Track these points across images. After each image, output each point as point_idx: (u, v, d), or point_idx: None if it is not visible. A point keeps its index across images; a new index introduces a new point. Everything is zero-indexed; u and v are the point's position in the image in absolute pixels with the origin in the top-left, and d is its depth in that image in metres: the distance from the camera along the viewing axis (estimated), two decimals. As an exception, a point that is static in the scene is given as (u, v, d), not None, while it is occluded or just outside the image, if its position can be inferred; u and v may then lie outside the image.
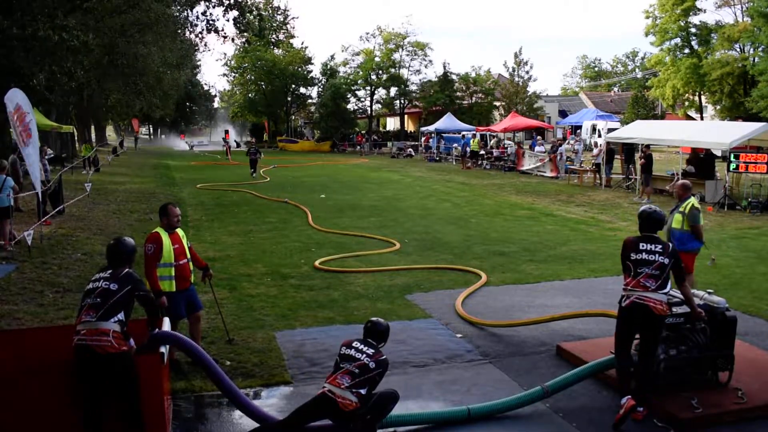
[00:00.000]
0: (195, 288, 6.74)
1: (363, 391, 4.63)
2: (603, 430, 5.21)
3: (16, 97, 12.68)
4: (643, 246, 5.41)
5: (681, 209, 7.88)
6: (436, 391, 5.98)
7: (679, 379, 5.65)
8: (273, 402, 5.72)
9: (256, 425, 4.99)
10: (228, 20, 24.71)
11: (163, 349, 4.86)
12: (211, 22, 25.32)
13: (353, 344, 4.83)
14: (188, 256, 6.50)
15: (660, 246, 5.39)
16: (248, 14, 24.51)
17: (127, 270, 4.77)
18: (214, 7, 24.53)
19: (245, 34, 25.70)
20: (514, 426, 5.34)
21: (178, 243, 6.36)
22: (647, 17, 53.16)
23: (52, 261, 10.77)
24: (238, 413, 5.28)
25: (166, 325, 5.28)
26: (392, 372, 6.34)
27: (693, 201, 7.88)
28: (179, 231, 6.47)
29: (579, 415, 5.42)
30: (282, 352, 6.81)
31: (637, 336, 5.52)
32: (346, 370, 4.66)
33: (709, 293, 6.06)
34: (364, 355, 4.73)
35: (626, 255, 5.48)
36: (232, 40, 26.40)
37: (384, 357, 4.79)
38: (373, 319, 5.07)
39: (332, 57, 60.36)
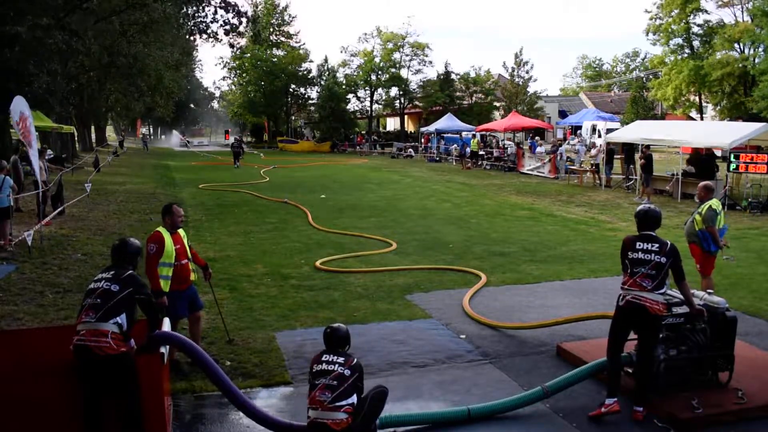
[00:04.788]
0: (196, 287, 6.75)
1: (352, 401, 4.52)
2: (603, 430, 5.22)
3: (19, 105, 12.93)
4: (639, 245, 5.41)
5: (699, 210, 7.89)
6: (436, 391, 5.98)
7: (679, 379, 5.65)
8: (273, 402, 5.72)
9: (259, 426, 5.00)
10: (217, 20, 24.27)
11: (163, 350, 4.87)
12: (203, 25, 25.23)
13: (322, 358, 4.67)
14: (189, 256, 6.51)
15: (657, 245, 5.37)
16: (243, 18, 24.34)
17: (130, 272, 4.76)
18: (204, 7, 24.40)
19: (238, 37, 25.53)
20: (514, 426, 5.35)
21: (179, 243, 6.37)
22: (651, 18, 53.10)
23: (52, 261, 10.77)
24: (238, 413, 5.28)
25: (166, 325, 5.28)
26: (392, 372, 6.37)
27: (712, 203, 7.87)
28: (180, 231, 6.48)
29: (579, 415, 5.42)
30: (282, 353, 6.81)
31: (636, 336, 5.54)
32: (324, 384, 4.52)
33: (709, 293, 6.06)
34: (337, 365, 4.57)
35: (624, 254, 5.49)
36: (226, 34, 26.18)
37: (356, 361, 4.67)
38: (333, 325, 4.88)
39: (326, 60, 60.34)
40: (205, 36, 25.16)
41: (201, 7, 24.39)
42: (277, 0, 60.47)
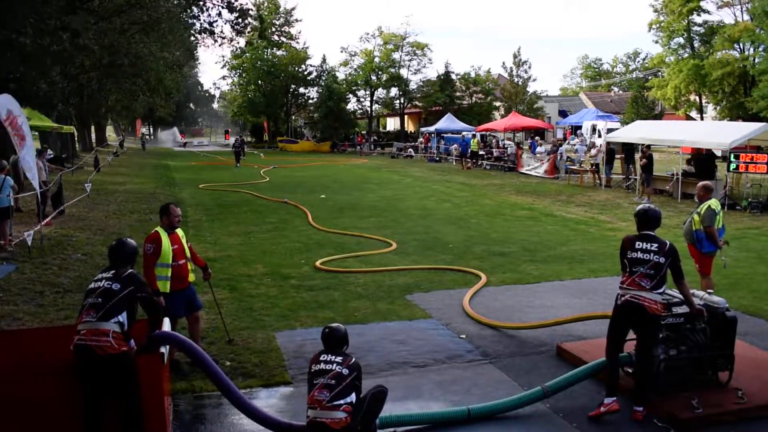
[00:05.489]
0: (195, 288, 6.74)
1: (350, 400, 4.53)
2: (603, 430, 5.22)
3: (6, 104, 12.48)
4: (639, 245, 5.42)
5: (698, 210, 7.91)
6: (436, 391, 5.98)
7: (679, 379, 5.66)
8: (273, 402, 5.72)
9: (258, 426, 4.99)
10: (225, 22, 24.32)
11: (163, 349, 4.87)
12: (209, 24, 25.18)
13: (321, 357, 4.69)
14: (188, 256, 6.50)
15: (656, 245, 5.38)
16: (248, 17, 24.31)
17: (130, 271, 4.77)
18: (209, 9, 24.40)
19: (243, 36, 25.51)
20: (514, 426, 5.35)
21: (177, 243, 6.36)
22: (655, 11, 53.12)
23: (52, 261, 10.77)
24: (237, 413, 5.27)
25: (166, 325, 5.28)
26: (392, 372, 6.37)
27: (711, 203, 7.87)
28: (179, 231, 6.47)
29: (579, 415, 5.42)
30: (282, 353, 6.82)
31: (634, 336, 5.55)
32: (322, 384, 4.53)
33: (709, 293, 6.07)
34: (335, 365, 4.59)
35: (623, 253, 5.50)
36: (231, 40, 26.18)
37: (354, 360, 4.68)
38: (331, 325, 4.89)
39: (324, 59, 60.36)
40: (208, 36, 25.12)
41: (204, 8, 24.36)
42: (280, 0, 60.37)
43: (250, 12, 24.73)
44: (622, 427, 5.23)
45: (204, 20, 25.12)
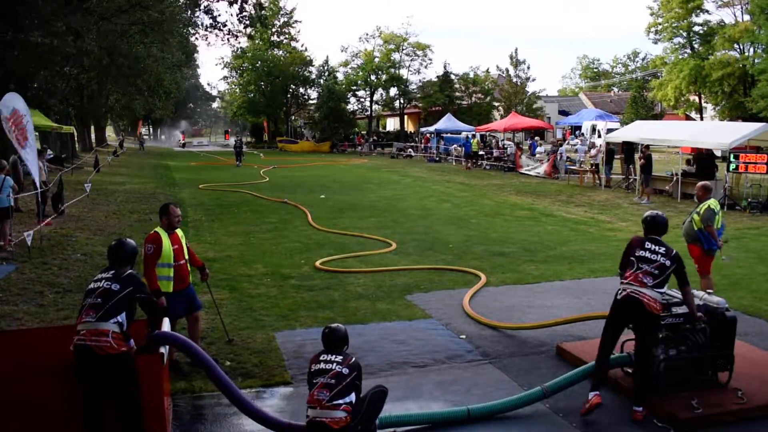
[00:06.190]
0: (194, 288, 6.74)
1: (350, 399, 4.53)
2: (603, 431, 5.22)
3: (12, 102, 12.39)
4: (648, 245, 5.53)
5: (698, 210, 7.96)
6: (436, 391, 5.98)
7: (679, 379, 5.66)
8: (273, 402, 5.72)
9: (258, 426, 4.99)
10: (231, 15, 24.51)
11: (162, 350, 4.87)
12: (215, 19, 25.18)
13: (321, 357, 4.69)
14: (187, 256, 6.49)
15: (664, 248, 5.49)
16: (249, 6, 24.34)
17: (129, 271, 4.77)
18: (217, 1, 24.49)
19: (249, 29, 25.48)
20: (514, 426, 5.35)
21: (177, 243, 6.36)
22: (652, 14, 53.20)
23: (52, 261, 10.77)
24: (237, 413, 5.27)
25: (166, 325, 5.28)
26: (392, 372, 6.38)
27: (710, 202, 7.95)
28: (179, 231, 6.47)
29: (579, 415, 5.41)
30: (282, 353, 6.82)
31: (633, 337, 5.55)
32: (322, 383, 4.53)
33: (709, 293, 6.08)
34: (335, 364, 4.59)
35: (631, 251, 5.58)
36: (236, 37, 26.10)
37: (354, 360, 4.68)
38: (331, 326, 4.89)
39: (327, 61, 60.40)
40: (213, 32, 25.16)
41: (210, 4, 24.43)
42: (281, 2, 60.29)
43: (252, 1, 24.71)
44: (622, 427, 5.23)
45: (212, 12, 25.13)
